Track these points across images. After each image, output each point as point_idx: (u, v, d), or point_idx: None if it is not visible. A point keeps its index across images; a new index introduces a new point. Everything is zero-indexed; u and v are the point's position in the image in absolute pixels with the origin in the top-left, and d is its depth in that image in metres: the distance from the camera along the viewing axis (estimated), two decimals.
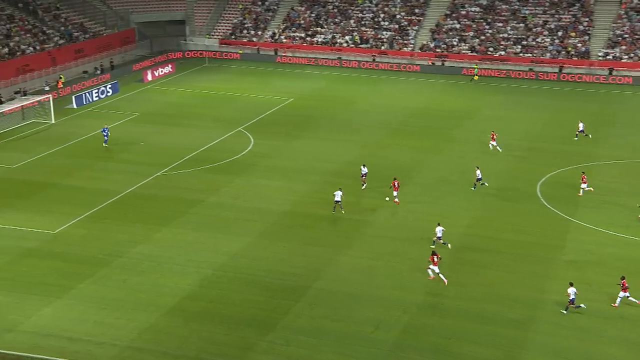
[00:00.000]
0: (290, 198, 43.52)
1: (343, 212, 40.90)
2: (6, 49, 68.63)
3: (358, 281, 34.18)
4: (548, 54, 76.61)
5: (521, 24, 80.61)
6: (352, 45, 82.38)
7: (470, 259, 36.19)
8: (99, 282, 33.85)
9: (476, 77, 74.52)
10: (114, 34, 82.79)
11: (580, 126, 54.46)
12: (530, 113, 62.27)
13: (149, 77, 73.32)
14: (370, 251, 37.07)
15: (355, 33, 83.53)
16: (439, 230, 37.29)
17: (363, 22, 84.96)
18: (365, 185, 44.78)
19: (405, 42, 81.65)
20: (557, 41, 77.76)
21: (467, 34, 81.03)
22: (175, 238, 38.30)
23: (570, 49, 76.34)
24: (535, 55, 76.81)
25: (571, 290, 31.42)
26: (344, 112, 62.46)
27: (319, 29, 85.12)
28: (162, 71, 75.50)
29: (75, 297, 32.55)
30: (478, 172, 44.82)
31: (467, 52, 79.09)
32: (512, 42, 78.91)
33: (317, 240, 38.08)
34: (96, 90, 65.84)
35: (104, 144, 52.59)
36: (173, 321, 30.86)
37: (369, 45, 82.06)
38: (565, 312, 31.47)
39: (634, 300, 32.02)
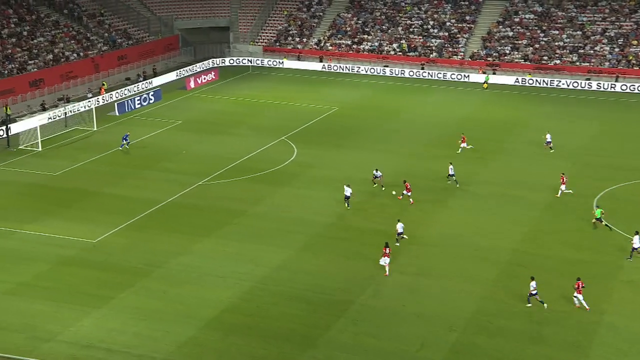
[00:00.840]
0: (333, 210, 43.52)
1: (348, 208, 43.21)
2: (50, 56, 70.40)
3: (403, 297, 33.95)
4: (607, 63, 75.28)
5: (578, 32, 79.42)
6: (400, 54, 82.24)
7: (521, 276, 35.62)
8: (139, 292, 34.30)
9: (485, 85, 74.13)
10: (157, 40, 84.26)
11: (548, 137, 54.21)
12: (584, 124, 61.24)
13: (192, 85, 74.33)
14: (415, 266, 36.79)
15: (403, 41, 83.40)
16: (399, 227, 38.88)
17: (411, 30, 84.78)
18: (383, 188, 46.00)
19: (455, 50, 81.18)
20: (616, 49, 76.37)
21: (520, 41, 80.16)
22: (216, 249, 38.63)
23: (631, 57, 74.86)
24: (592, 64, 75.55)
25: (533, 284, 32.87)
26: (390, 122, 62.32)
27: (365, 36, 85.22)
28: (205, 78, 76.47)
29: (114, 307, 33.04)
30: (451, 167, 46.90)
31: (520, 60, 78.22)
32: (568, 51, 77.80)
33: (361, 254, 37.97)
34: (138, 98, 67.00)
35: (119, 147, 53.84)
36: (212, 334, 31.07)
37: (417, 54, 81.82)
38: (545, 305, 32.87)
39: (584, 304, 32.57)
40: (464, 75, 77.79)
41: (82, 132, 59.32)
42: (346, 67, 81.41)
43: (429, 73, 78.58)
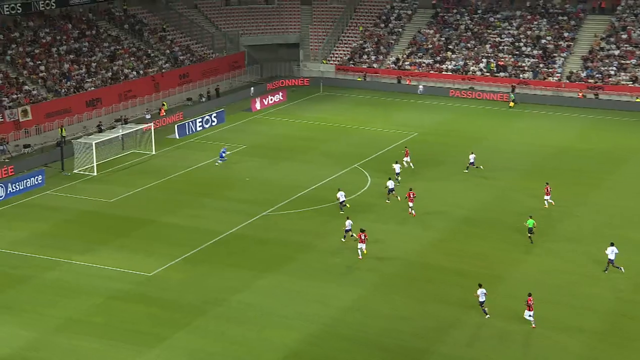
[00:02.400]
0: (411, 246, 43.08)
1: (342, 212, 46.89)
2: (109, 73, 72.62)
3: (489, 347, 33.12)
4: None
5: None
6: (487, 74, 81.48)
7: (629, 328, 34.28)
8: (196, 332, 34.53)
9: (512, 104, 73.99)
10: (221, 57, 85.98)
11: (471, 158, 55.15)
12: None
13: (258, 106, 75.33)
14: (504, 313, 35.91)
15: (492, 60, 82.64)
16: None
17: (501, 47, 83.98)
18: (398, 198, 48.91)
19: (551, 70, 79.88)
20: None
21: (628, 61, 78.18)
22: (280, 286, 38.66)
23: None
24: None
25: (480, 292, 34.95)
26: (474, 149, 61.59)
27: (448, 54, 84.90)
28: (272, 99, 77.39)
29: (169, 347, 33.31)
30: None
31: (629, 83, 76.20)
32: None
33: (443, 297, 37.33)
34: (200, 120, 68.25)
35: (216, 164, 56.71)
36: None
37: (506, 74, 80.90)
38: (487, 316, 34.93)
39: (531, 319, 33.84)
40: (560, 99, 76.40)
41: (140, 155, 60.72)
42: (428, 88, 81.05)
43: (517, 96, 77.53)
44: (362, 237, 41.33)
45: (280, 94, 78.84)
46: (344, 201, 47.31)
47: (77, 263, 41.24)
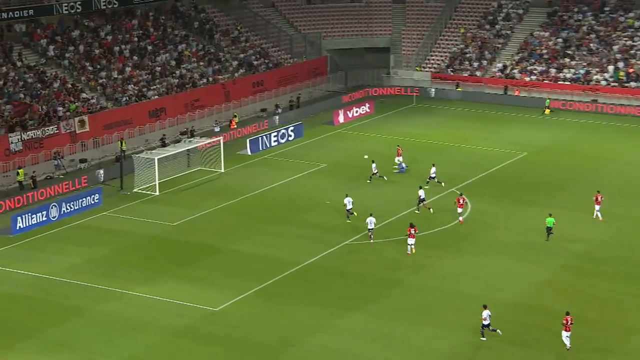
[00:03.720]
0: (518, 286, 42.43)
1: (349, 221, 50.35)
2: (175, 80, 74.28)
3: None
4: None
5: None
6: (614, 84, 79.88)
7: None
8: None
9: (547, 111, 74.61)
10: (301, 63, 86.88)
11: (432, 171, 56.78)
12: None
13: (341, 119, 75.72)
14: None
15: (621, 67, 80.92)
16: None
17: (633, 52, 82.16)
18: (431, 209, 51.97)
19: None
20: None
21: None
22: (364, 327, 38.58)
23: None
24: None
25: (485, 314, 36.29)
26: (596, 173, 60.44)
27: (567, 60, 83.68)
28: (357, 111, 77.70)
29: None
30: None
31: None
32: None
33: (558, 348, 36.61)
34: (275, 134, 69.02)
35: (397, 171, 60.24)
36: None
37: (639, 85, 79.12)
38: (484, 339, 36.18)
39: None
40: None
41: (207, 173, 61.73)
42: (539, 100, 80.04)
43: None
44: (412, 232, 45.21)
45: (367, 105, 79.06)
46: (350, 209, 50.58)
47: (134, 294, 42.10)
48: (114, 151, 65.37)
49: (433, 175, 57.21)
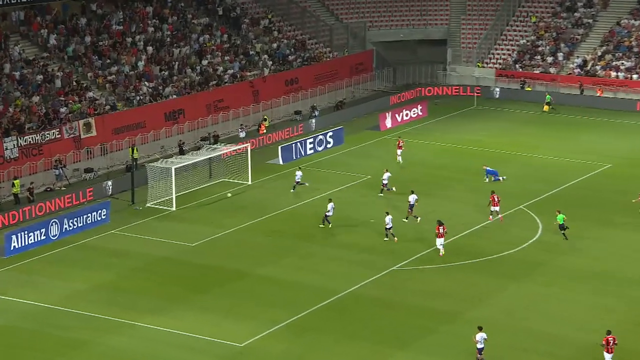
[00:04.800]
0: (601, 321, 41.74)
1: (322, 226, 52.99)
2: (196, 77, 74.46)
3: None
4: None
5: None
6: None
7: None
8: None
9: (546, 108, 76.55)
10: (342, 58, 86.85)
11: (385, 177, 58.72)
12: None
13: (389, 124, 75.54)
14: None
15: None
16: (389, 220, 51.00)
17: None
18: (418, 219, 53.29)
19: None
20: None
21: None
22: None
23: None
24: None
25: (479, 337, 37.27)
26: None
27: None
28: (407, 114, 77.51)
29: None
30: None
31: None
32: None
33: None
34: (311, 140, 68.95)
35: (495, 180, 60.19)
36: None
37: None
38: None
39: None
40: None
41: (232, 186, 61.75)
42: (628, 102, 79.28)
43: None
44: (441, 231, 47.64)
45: (419, 107, 78.86)
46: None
47: (146, 326, 42.02)
48: (125, 159, 65.65)
49: (385, 182, 58.91)
